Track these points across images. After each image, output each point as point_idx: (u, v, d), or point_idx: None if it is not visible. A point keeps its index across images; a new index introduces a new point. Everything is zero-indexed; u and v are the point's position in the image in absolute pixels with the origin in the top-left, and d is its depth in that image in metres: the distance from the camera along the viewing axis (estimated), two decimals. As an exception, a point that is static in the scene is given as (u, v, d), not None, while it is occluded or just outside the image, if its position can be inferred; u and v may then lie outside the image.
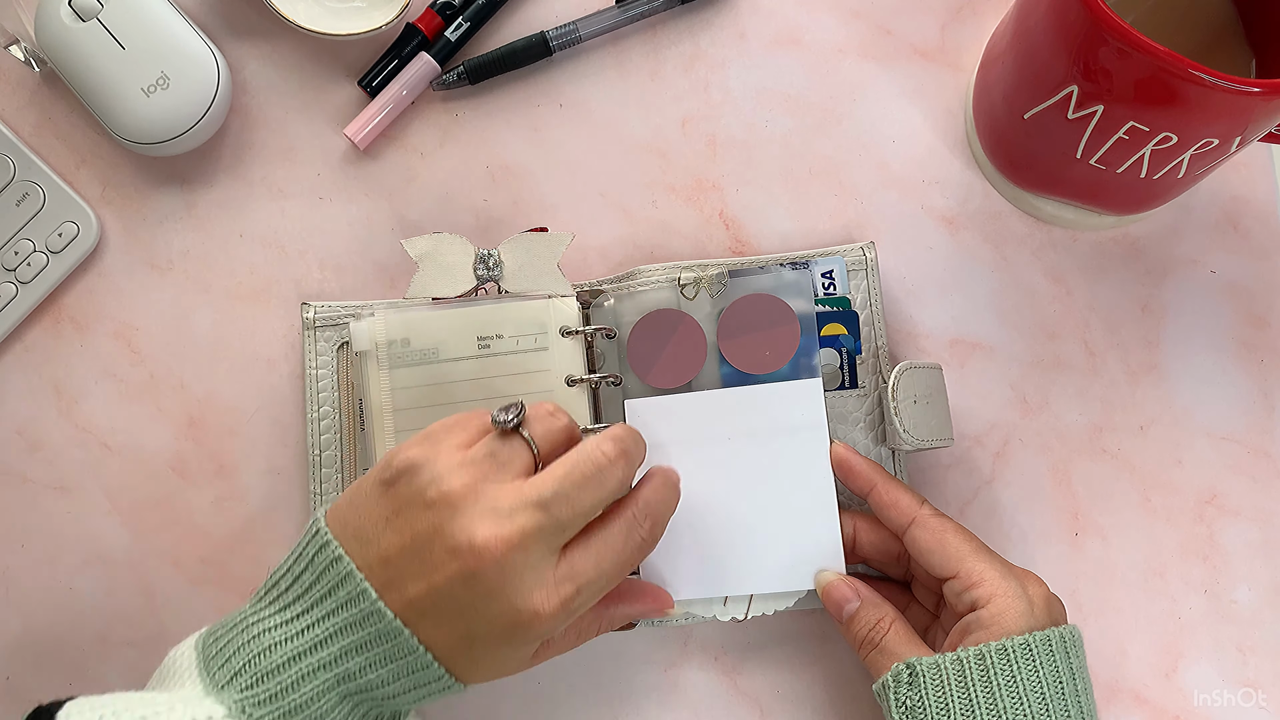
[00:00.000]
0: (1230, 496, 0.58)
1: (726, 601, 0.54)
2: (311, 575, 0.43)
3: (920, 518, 0.51)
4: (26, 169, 0.58)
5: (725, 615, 0.54)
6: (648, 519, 0.45)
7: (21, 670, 0.57)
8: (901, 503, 0.51)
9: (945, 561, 0.49)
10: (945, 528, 0.50)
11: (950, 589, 0.50)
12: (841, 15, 0.61)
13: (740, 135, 0.60)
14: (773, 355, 0.55)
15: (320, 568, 0.43)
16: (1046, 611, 0.49)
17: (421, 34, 0.60)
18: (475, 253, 0.54)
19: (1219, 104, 0.45)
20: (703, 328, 0.55)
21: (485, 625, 0.42)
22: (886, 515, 0.52)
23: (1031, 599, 0.48)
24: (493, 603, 0.41)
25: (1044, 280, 0.60)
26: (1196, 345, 0.59)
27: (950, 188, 0.60)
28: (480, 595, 0.41)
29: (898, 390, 0.53)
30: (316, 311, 0.57)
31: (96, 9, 0.55)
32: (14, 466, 0.58)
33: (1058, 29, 0.48)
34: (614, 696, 0.56)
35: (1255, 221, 0.60)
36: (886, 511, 0.52)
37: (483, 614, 0.42)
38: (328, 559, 0.43)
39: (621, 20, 0.60)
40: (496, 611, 0.42)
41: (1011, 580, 0.49)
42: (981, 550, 0.50)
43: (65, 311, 0.59)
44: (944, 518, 0.51)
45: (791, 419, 0.54)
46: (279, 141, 0.60)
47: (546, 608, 0.42)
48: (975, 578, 0.49)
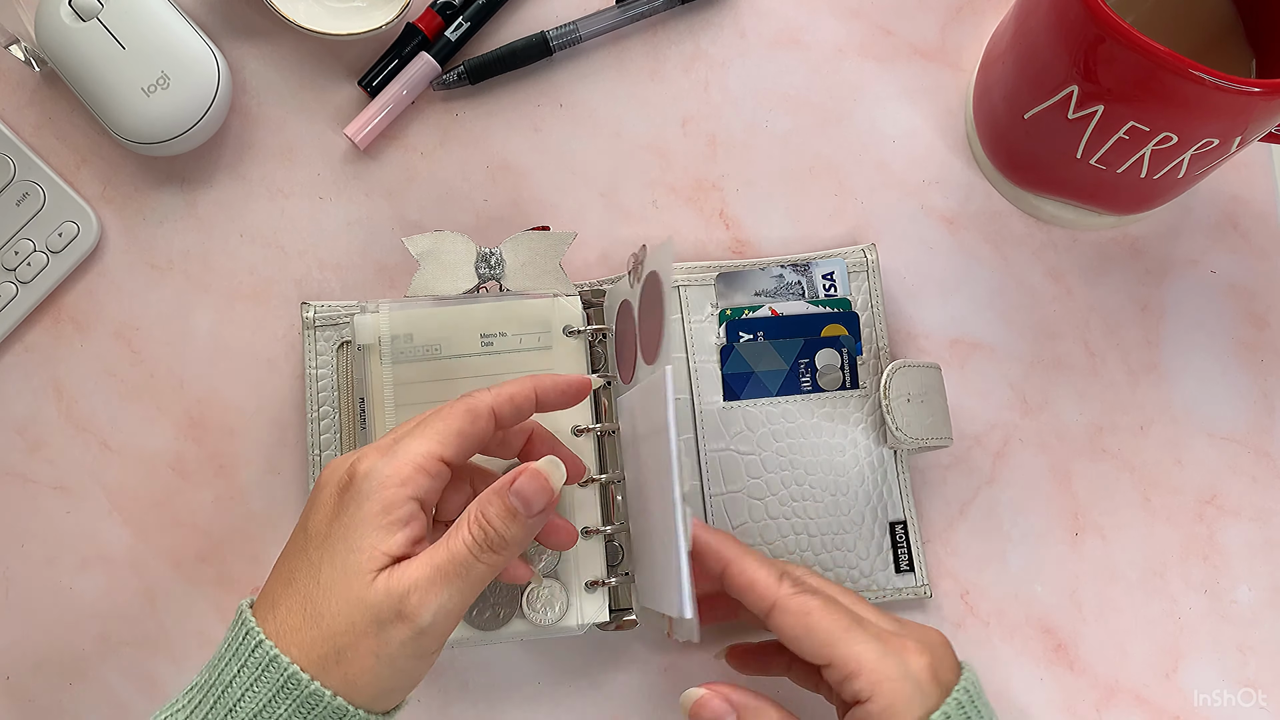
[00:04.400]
0: (1230, 496, 0.58)
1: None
2: None
3: (780, 600, 0.46)
4: (26, 169, 0.58)
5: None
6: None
7: (21, 670, 0.57)
8: (758, 584, 0.46)
9: (815, 648, 0.45)
10: (809, 608, 0.45)
11: (829, 676, 0.45)
12: (841, 15, 0.61)
13: (740, 135, 0.60)
14: (646, 349, 0.50)
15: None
16: (934, 683, 0.44)
17: (422, 34, 0.60)
18: (477, 251, 0.54)
19: (1219, 104, 0.45)
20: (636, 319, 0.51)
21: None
22: (745, 599, 0.47)
23: (916, 676, 0.44)
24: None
25: (1044, 280, 0.60)
26: (1196, 345, 0.59)
27: (950, 188, 0.60)
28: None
29: (890, 388, 0.53)
30: (316, 311, 0.57)
31: (96, 9, 0.55)
32: (14, 466, 0.58)
33: (1058, 29, 0.48)
34: (614, 696, 0.56)
35: (1255, 221, 0.60)
36: (744, 595, 0.47)
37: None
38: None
39: (621, 20, 0.60)
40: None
41: (891, 659, 0.44)
42: (853, 627, 0.45)
43: (65, 311, 0.59)
44: (807, 594, 0.46)
45: (652, 420, 0.47)
46: (279, 141, 0.60)
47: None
48: (852, 665, 0.44)
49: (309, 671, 0.40)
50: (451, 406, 0.45)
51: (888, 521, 0.56)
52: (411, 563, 0.41)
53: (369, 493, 0.42)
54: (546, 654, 0.56)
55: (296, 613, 0.41)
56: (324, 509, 0.43)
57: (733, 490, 0.55)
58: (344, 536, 0.42)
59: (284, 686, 0.40)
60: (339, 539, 0.42)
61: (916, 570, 0.56)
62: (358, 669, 0.41)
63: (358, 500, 0.42)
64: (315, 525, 0.43)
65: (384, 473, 0.42)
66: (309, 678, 0.40)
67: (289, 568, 0.43)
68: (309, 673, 0.40)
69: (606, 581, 0.53)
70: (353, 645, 0.40)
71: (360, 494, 0.42)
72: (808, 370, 0.56)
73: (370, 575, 0.41)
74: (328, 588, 0.41)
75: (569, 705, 0.56)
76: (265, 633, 0.41)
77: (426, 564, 0.41)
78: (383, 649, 0.41)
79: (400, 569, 0.41)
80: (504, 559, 0.43)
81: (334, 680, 0.40)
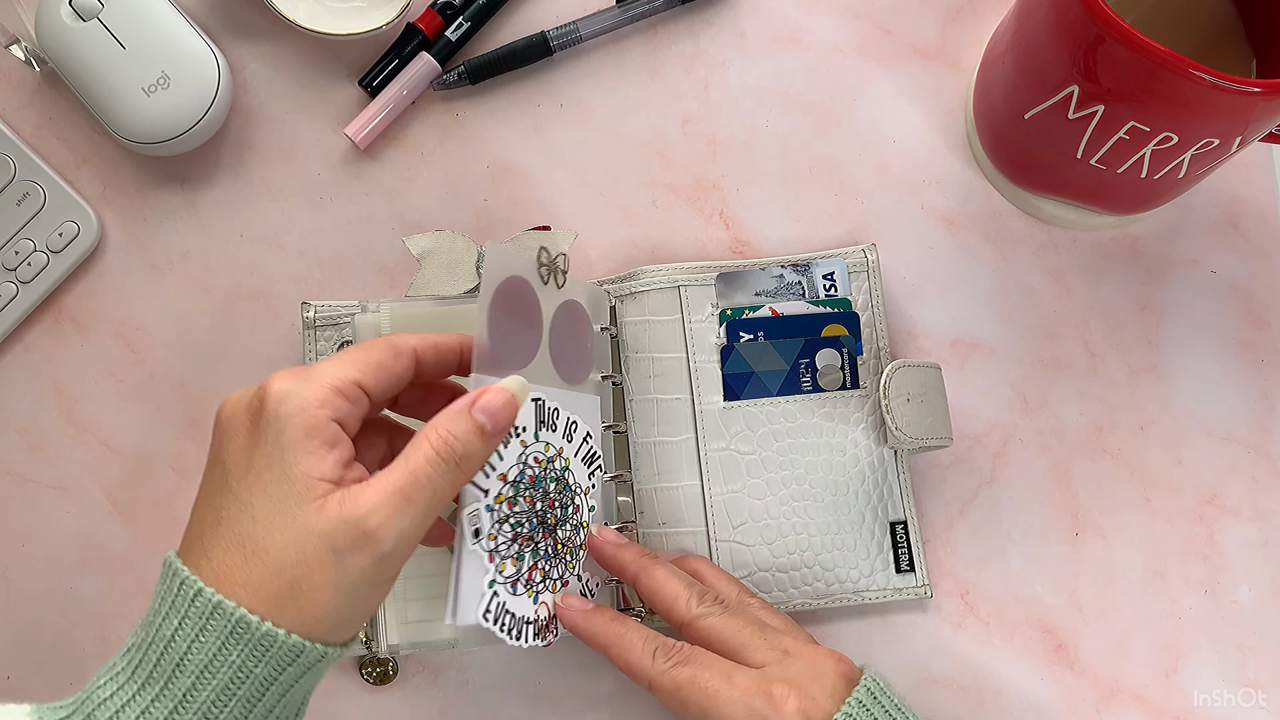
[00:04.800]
0: (1230, 496, 0.58)
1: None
2: None
3: (654, 680, 0.47)
4: (27, 169, 0.58)
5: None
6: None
7: (21, 670, 0.57)
8: (633, 666, 0.47)
9: (694, 719, 0.46)
10: (679, 683, 0.46)
11: None
12: (841, 15, 0.61)
13: (740, 135, 0.60)
14: (582, 367, 0.52)
15: None
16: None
17: (422, 34, 0.60)
18: (478, 250, 0.54)
19: (1219, 104, 0.45)
20: (544, 317, 0.50)
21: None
22: (631, 679, 0.48)
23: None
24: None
25: (1044, 280, 0.60)
26: (1196, 345, 0.59)
27: (950, 188, 0.60)
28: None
29: (889, 388, 0.53)
30: (316, 311, 0.57)
31: (97, 9, 0.55)
32: (14, 466, 0.58)
33: (1058, 29, 0.48)
34: (614, 696, 0.56)
35: (1255, 221, 0.60)
36: (629, 676, 0.48)
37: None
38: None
39: (621, 20, 0.60)
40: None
41: (757, 718, 0.44)
42: (723, 687, 0.45)
43: (65, 311, 0.59)
44: (678, 665, 0.46)
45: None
46: (279, 141, 0.60)
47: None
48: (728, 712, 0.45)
49: (259, 612, 0.38)
50: (373, 340, 0.43)
51: (888, 521, 0.56)
52: (365, 486, 0.40)
53: (288, 415, 0.39)
54: (546, 654, 0.56)
55: (234, 552, 0.39)
56: (237, 439, 0.41)
57: (733, 490, 0.55)
58: (270, 465, 0.39)
59: (233, 632, 0.38)
60: (264, 468, 0.39)
61: (917, 570, 0.56)
62: (315, 602, 0.39)
63: (277, 425, 0.40)
64: (232, 457, 0.40)
65: (301, 395, 0.40)
66: (258, 619, 0.38)
67: (213, 507, 0.40)
68: (259, 613, 0.38)
69: (606, 581, 0.53)
70: (308, 578, 0.38)
71: (279, 418, 0.40)
72: (808, 370, 0.56)
73: (316, 502, 0.39)
74: (267, 521, 0.39)
75: (569, 705, 0.56)
76: (201, 579, 0.39)
77: (383, 485, 0.39)
78: (342, 578, 0.39)
79: (352, 493, 0.39)
80: (465, 478, 0.42)
81: (289, 617, 0.39)
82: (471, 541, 0.44)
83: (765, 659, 0.47)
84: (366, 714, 0.56)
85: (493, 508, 0.45)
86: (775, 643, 0.48)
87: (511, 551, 0.46)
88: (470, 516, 0.44)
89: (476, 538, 0.44)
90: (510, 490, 0.46)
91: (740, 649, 0.47)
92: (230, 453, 0.41)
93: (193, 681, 0.38)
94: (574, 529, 0.50)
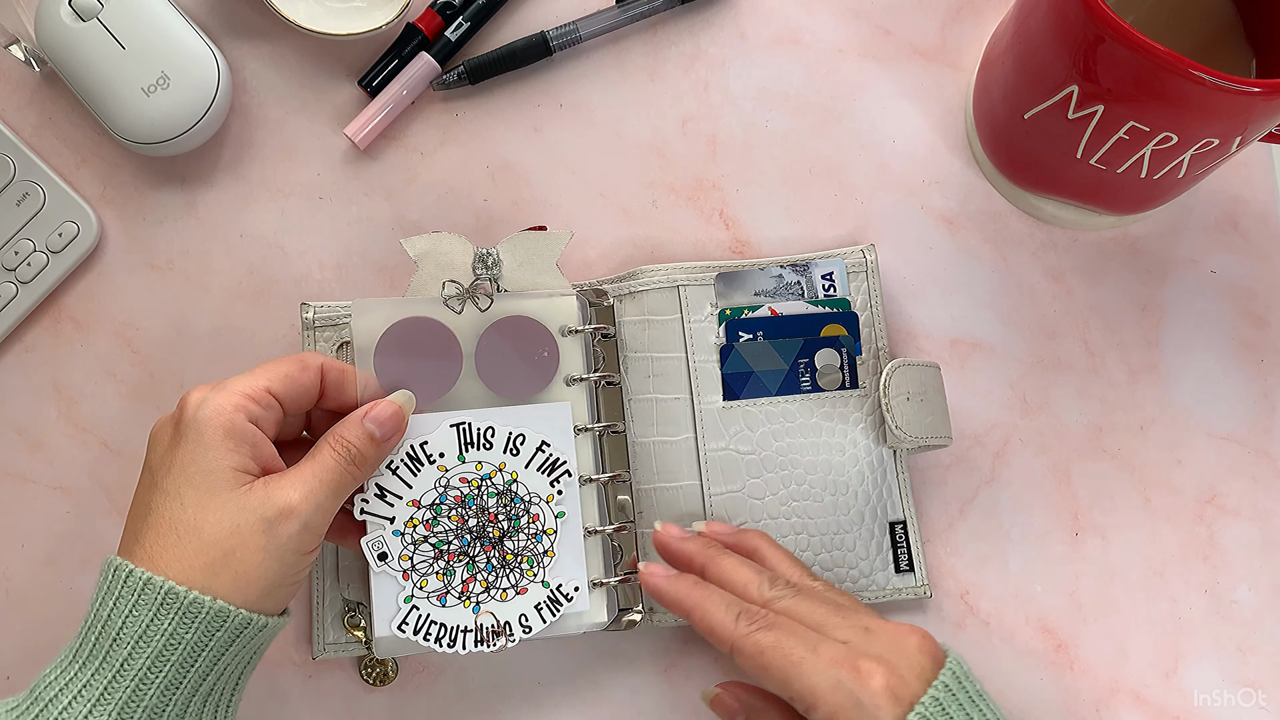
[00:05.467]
0: (1230, 496, 0.58)
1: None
2: None
3: (735, 643, 0.46)
4: (26, 169, 0.58)
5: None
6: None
7: (21, 670, 0.57)
8: (715, 630, 0.47)
9: (775, 688, 0.46)
10: (761, 647, 0.45)
11: (797, 709, 0.46)
12: (841, 15, 0.61)
13: (740, 135, 0.60)
14: (530, 380, 0.53)
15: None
16: (893, 703, 0.43)
17: (421, 34, 0.60)
18: (474, 251, 0.54)
19: (1219, 104, 0.45)
20: (461, 344, 0.53)
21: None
22: (712, 644, 0.48)
23: (871, 701, 0.43)
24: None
25: (1044, 280, 0.60)
26: (1196, 345, 0.59)
27: (950, 188, 0.60)
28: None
29: (889, 387, 0.53)
30: (316, 311, 0.57)
31: (96, 9, 0.55)
32: (14, 466, 0.58)
33: (1058, 29, 0.48)
34: (614, 696, 0.56)
35: (1255, 221, 0.60)
36: (710, 641, 0.47)
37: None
38: None
39: (621, 20, 0.60)
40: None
41: (843, 690, 0.44)
42: (808, 657, 0.44)
43: (65, 311, 0.59)
44: (762, 630, 0.46)
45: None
46: (279, 141, 0.60)
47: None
48: (808, 698, 0.44)
49: (191, 581, 0.43)
50: (285, 355, 0.49)
51: (887, 521, 0.56)
52: (283, 475, 0.46)
53: (205, 419, 0.45)
54: (546, 654, 0.56)
55: (166, 535, 0.44)
56: (161, 446, 0.46)
57: (733, 490, 0.55)
58: (194, 461, 0.45)
59: (163, 603, 0.43)
60: (189, 464, 0.45)
61: (916, 570, 0.56)
62: (248, 564, 0.44)
63: (196, 428, 0.45)
64: (158, 460, 0.46)
65: (215, 401, 0.45)
66: (186, 589, 0.43)
67: (143, 503, 0.46)
68: (191, 582, 0.43)
69: (606, 581, 0.53)
70: (242, 544, 0.44)
71: (197, 422, 0.45)
72: (807, 370, 0.56)
73: (244, 486, 0.45)
74: (198, 505, 0.44)
75: (569, 705, 0.56)
76: (134, 564, 0.44)
77: (298, 473, 0.46)
78: (272, 542, 0.44)
79: (274, 480, 0.45)
80: (363, 475, 0.48)
81: (224, 581, 0.44)
82: (377, 566, 0.51)
83: (847, 636, 0.46)
84: (366, 714, 0.56)
85: (402, 532, 0.51)
86: (854, 620, 0.47)
87: (436, 568, 0.51)
88: (369, 544, 0.51)
89: (383, 561, 0.51)
90: (427, 514, 0.51)
91: (820, 626, 0.46)
92: (155, 457, 0.46)
93: (128, 652, 0.43)
94: (532, 538, 0.52)
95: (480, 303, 0.53)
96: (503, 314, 0.53)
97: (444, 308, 0.53)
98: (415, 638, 0.51)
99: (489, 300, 0.53)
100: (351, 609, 0.54)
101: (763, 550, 0.52)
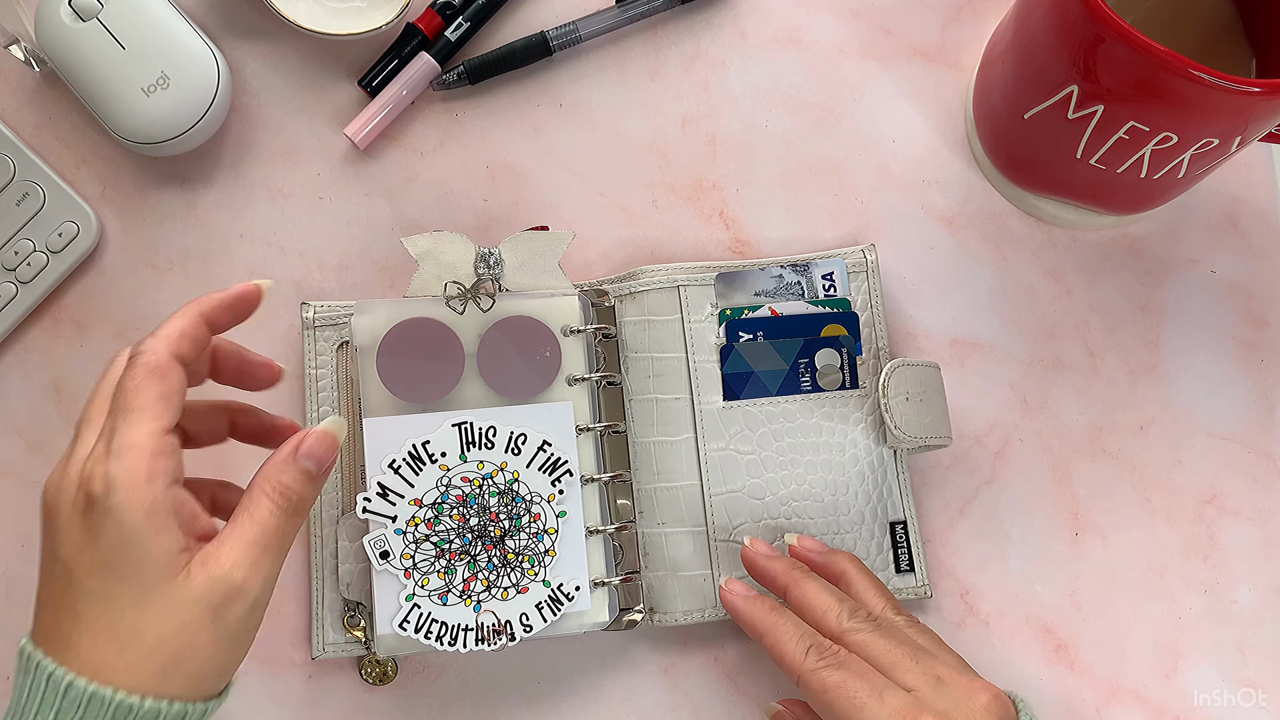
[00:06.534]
0: (1230, 496, 0.58)
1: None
2: None
3: (802, 676, 0.46)
4: (26, 169, 0.58)
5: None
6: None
7: (21, 670, 0.57)
8: (785, 659, 0.47)
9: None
10: (826, 686, 0.45)
11: None
12: (841, 15, 0.61)
13: (740, 135, 0.60)
14: (532, 380, 0.53)
15: None
16: None
17: (421, 34, 0.60)
18: (476, 251, 0.54)
19: (1219, 104, 0.45)
20: (463, 344, 0.53)
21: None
22: (780, 669, 0.48)
23: None
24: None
25: (1044, 280, 0.60)
26: (1196, 345, 0.59)
27: (950, 188, 0.60)
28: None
29: (889, 387, 0.53)
30: (316, 311, 0.57)
31: (96, 9, 0.55)
32: (14, 466, 0.58)
33: (1058, 29, 0.48)
34: (614, 696, 0.56)
35: (1255, 221, 0.60)
36: (778, 666, 0.48)
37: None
38: None
39: (621, 20, 0.60)
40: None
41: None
42: (869, 704, 0.44)
43: (65, 311, 0.59)
44: (829, 669, 0.46)
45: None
46: (279, 141, 0.60)
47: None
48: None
49: (144, 689, 0.40)
50: (133, 379, 0.42)
51: (888, 521, 0.56)
52: (220, 542, 0.41)
53: (123, 506, 0.40)
54: (546, 654, 0.56)
55: (107, 642, 0.40)
56: (71, 539, 0.41)
57: (733, 490, 0.55)
58: (122, 556, 0.40)
59: (113, 716, 0.39)
60: (117, 560, 0.40)
61: (916, 570, 0.56)
62: (200, 659, 0.41)
63: (114, 517, 0.40)
64: (73, 557, 0.41)
65: (123, 479, 0.40)
66: (140, 698, 0.39)
67: (67, 603, 0.41)
68: (144, 690, 0.40)
69: (608, 581, 0.53)
70: (191, 641, 0.40)
71: (113, 511, 0.40)
72: (807, 370, 0.56)
73: (181, 574, 0.40)
74: (136, 605, 0.40)
75: (569, 705, 0.56)
76: (73, 671, 0.40)
77: (237, 539, 0.41)
78: (222, 632, 0.41)
79: (209, 553, 0.41)
80: (304, 517, 0.44)
81: (177, 683, 0.40)
82: (379, 564, 0.51)
83: (916, 683, 0.45)
84: (366, 714, 0.56)
85: (404, 530, 0.51)
86: (928, 667, 0.46)
87: (438, 567, 0.52)
88: (371, 543, 0.51)
89: (385, 559, 0.51)
90: (429, 512, 0.52)
91: (891, 668, 0.46)
92: (68, 552, 0.41)
93: None
94: (533, 537, 0.52)
95: (482, 303, 0.53)
96: (505, 314, 0.53)
97: (446, 308, 0.53)
98: (416, 636, 0.51)
99: (491, 300, 0.53)
100: (351, 609, 0.54)
101: (849, 575, 0.51)
